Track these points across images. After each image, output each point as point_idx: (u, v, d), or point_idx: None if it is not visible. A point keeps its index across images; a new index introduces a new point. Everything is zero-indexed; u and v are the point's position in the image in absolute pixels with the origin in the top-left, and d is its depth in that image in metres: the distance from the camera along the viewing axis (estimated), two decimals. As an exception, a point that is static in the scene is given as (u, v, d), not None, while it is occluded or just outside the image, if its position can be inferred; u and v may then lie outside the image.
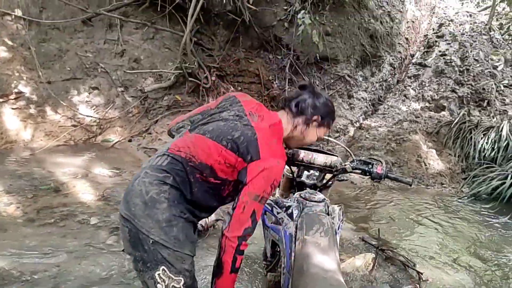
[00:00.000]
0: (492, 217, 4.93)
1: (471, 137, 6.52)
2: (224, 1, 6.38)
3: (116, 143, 5.61)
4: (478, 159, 6.24)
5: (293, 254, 2.08)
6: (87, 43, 6.00)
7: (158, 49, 6.47)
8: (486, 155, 6.25)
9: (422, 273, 3.35)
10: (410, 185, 2.35)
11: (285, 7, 7.32)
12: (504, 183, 5.44)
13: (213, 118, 1.77)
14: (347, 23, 7.69)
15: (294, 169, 2.30)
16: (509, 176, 5.49)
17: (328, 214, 2.05)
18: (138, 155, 5.40)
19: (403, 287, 3.22)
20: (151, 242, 1.52)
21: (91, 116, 5.64)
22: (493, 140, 6.33)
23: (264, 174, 1.57)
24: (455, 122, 6.91)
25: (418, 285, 3.24)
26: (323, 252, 1.97)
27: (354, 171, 2.21)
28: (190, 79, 6.35)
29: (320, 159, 2.24)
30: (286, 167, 2.32)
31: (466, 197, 5.51)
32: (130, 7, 6.43)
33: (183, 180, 1.61)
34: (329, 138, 2.59)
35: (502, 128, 6.38)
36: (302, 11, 6.29)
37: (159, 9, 6.46)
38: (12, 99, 5.16)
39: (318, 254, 1.94)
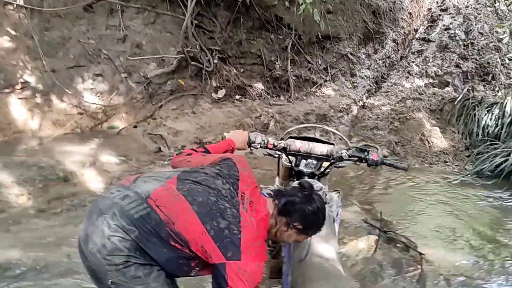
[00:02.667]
0: (496, 194, 4.94)
1: (475, 114, 6.48)
2: (224, -18, 6.33)
3: (122, 129, 5.68)
4: (481, 136, 6.21)
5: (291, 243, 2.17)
6: (89, 30, 5.99)
7: (159, 33, 6.46)
8: (489, 132, 6.21)
9: (424, 254, 3.43)
10: (406, 171, 2.42)
11: (286, -14, 7.23)
12: (508, 159, 5.44)
13: (206, 180, 1.68)
14: (349, 0, 7.59)
15: (292, 158, 2.37)
16: (513, 152, 5.49)
17: (325, 203, 2.12)
18: (144, 142, 5.47)
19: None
20: (110, 282, 1.50)
21: (96, 104, 5.70)
22: (496, 116, 6.28)
23: (247, 278, 1.51)
24: (458, 99, 6.86)
25: (420, 266, 3.33)
26: (322, 241, 2.06)
27: (350, 158, 2.29)
28: (193, 63, 6.36)
29: (317, 148, 2.32)
30: (284, 156, 2.40)
31: (469, 175, 5.51)
32: (130, -8, 6.39)
33: (148, 237, 1.51)
34: (327, 128, 2.64)
35: (506, 104, 6.30)
36: (303, -10, 6.21)
37: (159, -7, 6.42)
38: (18, 89, 5.22)
39: (316, 243, 2.03)
